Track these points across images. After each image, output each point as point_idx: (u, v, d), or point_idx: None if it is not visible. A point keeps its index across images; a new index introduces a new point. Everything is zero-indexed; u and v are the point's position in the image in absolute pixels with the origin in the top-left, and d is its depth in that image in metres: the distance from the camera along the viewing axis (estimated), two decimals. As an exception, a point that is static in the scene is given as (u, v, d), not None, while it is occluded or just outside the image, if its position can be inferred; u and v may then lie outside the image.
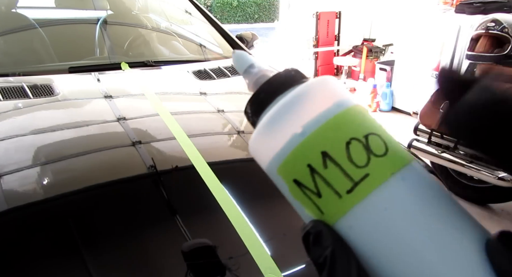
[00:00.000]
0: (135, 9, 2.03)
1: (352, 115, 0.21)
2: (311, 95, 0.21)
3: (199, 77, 1.44)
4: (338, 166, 0.19)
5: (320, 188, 0.20)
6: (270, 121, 0.22)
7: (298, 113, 0.21)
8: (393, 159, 0.20)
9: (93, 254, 0.69)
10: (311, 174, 0.20)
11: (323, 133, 0.20)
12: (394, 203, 0.19)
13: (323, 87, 0.22)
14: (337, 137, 0.20)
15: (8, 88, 1.17)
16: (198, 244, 0.71)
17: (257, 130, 0.22)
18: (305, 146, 0.20)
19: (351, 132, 0.20)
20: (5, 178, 0.81)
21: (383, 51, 5.16)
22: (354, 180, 0.19)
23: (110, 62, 1.50)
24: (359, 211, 0.19)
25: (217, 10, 13.23)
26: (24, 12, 1.68)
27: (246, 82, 0.25)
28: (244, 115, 0.24)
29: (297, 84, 0.23)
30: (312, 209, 0.20)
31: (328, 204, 0.20)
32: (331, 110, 0.21)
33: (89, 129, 1.03)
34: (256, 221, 0.75)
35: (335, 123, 0.20)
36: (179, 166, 0.91)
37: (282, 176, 0.21)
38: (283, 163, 0.21)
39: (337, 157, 0.20)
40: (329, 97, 0.21)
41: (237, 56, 0.27)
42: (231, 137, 1.08)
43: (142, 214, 0.78)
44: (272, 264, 0.66)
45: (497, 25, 2.14)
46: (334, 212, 0.20)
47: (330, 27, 5.46)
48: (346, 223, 0.19)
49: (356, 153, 0.20)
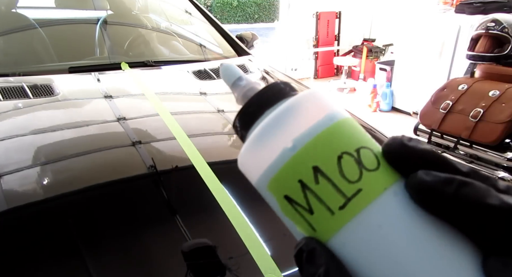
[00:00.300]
0: (135, 9, 2.03)
1: (343, 129, 0.20)
2: (301, 108, 0.21)
3: (199, 77, 1.44)
4: (330, 181, 0.19)
5: (312, 204, 0.19)
6: (259, 135, 0.21)
7: (288, 127, 0.20)
8: (386, 173, 0.19)
9: (93, 254, 0.69)
10: (302, 190, 0.19)
11: (314, 147, 0.20)
12: (388, 220, 0.18)
13: (313, 100, 0.21)
14: (329, 151, 0.19)
15: (8, 88, 1.17)
16: (198, 244, 0.71)
17: (246, 145, 0.22)
18: (296, 161, 0.20)
19: (343, 146, 0.20)
20: (5, 178, 0.81)
21: (383, 51, 5.17)
22: (346, 196, 0.19)
23: (110, 62, 1.50)
24: (352, 228, 0.18)
25: (217, 10, 13.23)
26: (24, 12, 1.68)
27: (234, 95, 0.25)
28: (233, 128, 0.24)
29: (287, 97, 0.22)
30: (304, 226, 0.20)
31: (320, 220, 0.19)
32: (322, 124, 0.20)
33: (89, 129, 1.03)
34: (256, 221, 0.75)
35: (326, 137, 0.20)
36: (179, 166, 0.91)
37: (272, 192, 0.21)
38: (273, 178, 0.20)
39: (329, 172, 0.19)
40: (319, 110, 0.21)
41: (224, 69, 0.26)
42: (231, 137, 1.08)
43: (142, 214, 0.78)
44: (272, 264, 0.66)
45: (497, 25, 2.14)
46: (327, 229, 0.19)
47: (330, 27, 5.46)
48: (339, 241, 0.19)
49: (348, 167, 0.19)
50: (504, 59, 2.14)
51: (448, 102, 2.13)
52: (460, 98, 2.10)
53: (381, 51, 5.17)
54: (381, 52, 5.16)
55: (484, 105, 1.98)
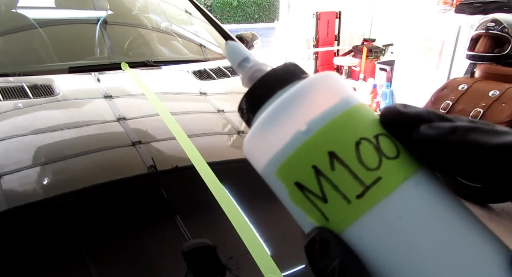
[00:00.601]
0: (135, 9, 2.03)
1: (360, 114, 0.19)
2: (316, 90, 0.19)
3: (199, 77, 1.44)
4: (347, 168, 0.18)
5: (326, 192, 0.18)
6: (269, 117, 0.19)
7: (302, 109, 0.19)
8: (406, 162, 0.18)
9: (93, 253, 0.69)
10: (316, 176, 0.18)
11: (330, 131, 0.18)
12: (410, 211, 0.17)
13: (328, 82, 0.20)
14: (346, 136, 0.18)
15: (8, 88, 1.17)
16: (198, 244, 0.71)
17: (253, 128, 0.20)
18: (310, 145, 0.18)
19: (361, 132, 0.18)
20: (5, 178, 0.81)
21: (383, 51, 5.16)
22: (365, 184, 0.17)
23: (110, 62, 1.50)
24: (371, 219, 0.17)
25: (217, 10, 13.23)
26: (24, 12, 1.68)
27: (240, 76, 0.23)
28: (238, 112, 0.22)
29: (298, 80, 0.21)
30: (315, 215, 0.18)
31: (335, 210, 0.18)
32: (338, 107, 0.19)
33: (89, 129, 1.03)
34: (256, 221, 0.75)
35: (343, 121, 0.18)
36: (179, 166, 0.91)
37: (281, 178, 0.19)
38: (284, 163, 0.19)
39: (346, 158, 0.18)
40: (336, 93, 0.19)
41: (230, 48, 0.24)
42: (231, 137, 1.08)
43: (142, 214, 0.78)
44: (272, 264, 0.66)
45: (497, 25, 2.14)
46: (342, 219, 0.18)
47: (330, 27, 5.46)
48: (356, 232, 0.18)
49: (367, 154, 0.18)
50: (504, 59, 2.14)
51: (448, 102, 2.13)
52: (460, 98, 2.10)
53: (381, 51, 5.16)
54: (381, 52, 5.16)
55: (484, 105, 1.98)
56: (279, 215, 0.82)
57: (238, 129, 1.10)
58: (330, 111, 0.19)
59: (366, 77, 5.10)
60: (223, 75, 1.48)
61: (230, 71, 1.51)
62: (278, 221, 0.81)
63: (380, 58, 5.08)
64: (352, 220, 0.17)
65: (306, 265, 0.73)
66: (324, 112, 0.19)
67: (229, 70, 1.51)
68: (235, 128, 1.11)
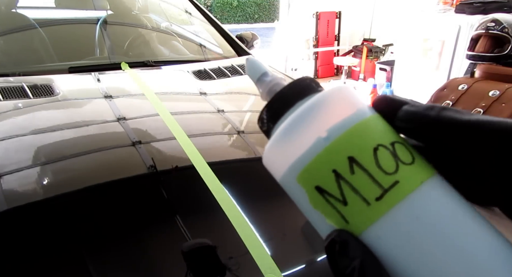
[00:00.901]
0: (135, 9, 2.03)
1: (376, 123, 0.21)
2: (334, 101, 0.21)
3: (199, 77, 1.44)
4: (366, 172, 0.19)
5: (346, 195, 0.19)
6: (290, 126, 0.21)
7: (322, 118, 0.20)
8: (421, 168, 0.20)
9: (93, 254, 0.69)
10: (336, 180, 0.19)
11: (350, 138, 0.20)
12: (426, 212, 0.18)
13: (345, 94, 0.22)
14: (364, 143, 0.20)
15: (8, 88, 1.17)
16: (198, 244, 0.71)
17: (274, 137, 0.22)
18: (330, 151, 0.20)
19: (378, 139, 0.20)
20: (5, 178, 0.81)
21: (383, 51, 5.16)
22: (383, 187, 0.19)
23: (110, 62, 1.50)
24: (389, 220, 0.18)
25: (217, 10, 13.23)
26: (24, 12, 1.68)
27: (259, 90, 0.25)
28: (258, 123, 0.24)
29: (315, 92, 0.22)
30: (335, 218, 0.20)
31: (354, 212, 0.19)
32: (356, 116, 0.20)
33: (89, 129, 1.03)
34: (256, 221, 0.75)
35: (361, 129, 0.20)
36: (179, 166, 0.91)
37: (302, 183, 0.20)
38: (305, 169, 0.20)
39: (365, 163, 0.19)
40: (354, 104, 0.21)
41: (250, 64, 0.26)
42: (231, 137, 1.08)
43: (142, 214, 0.78)
44: (272, 264, 0.66)
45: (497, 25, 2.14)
46: (361, 220, 0.19)
47: (330, 27, 5.46)
48: (374, 233, 0.19)
49: (385, 159, 0.19)
50: (504, 59, 2.14)
51: (448, 102, 2.13)
52: (460, 98, 2.10)
53: (381, 51, 5.16)
54: (381, 52, 5.16)
55: (484, 105, 1.98)
56: (279, 215, 0.82)
57: (238, 129, 1.10)
58: (349, 120, 0.20)
59: (366, 77, 5.10)
60: (223, 75, 1.48)
61: (230, 71, 1.51)
62: (278, 221, 0.81)
63: (380, 58, 5.08)
64: (371, 222, 0.19)
65: (306, 265, 0.73)
66: (343, 120, 0.20)
67: (229, 70, 1.51)
68: (235, 128, 1.11)
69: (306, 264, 0.73)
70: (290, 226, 0.80)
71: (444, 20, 3.54)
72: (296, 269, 0.70)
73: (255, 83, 0.25)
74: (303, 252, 0.76)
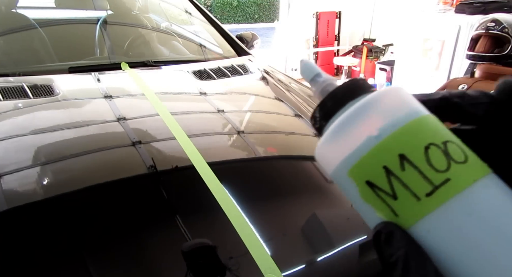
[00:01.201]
0: (135, 9, 2.03)
1: (428, 123, 0.21)
2: (387, 100, 0.22)
3: (199, 77, 1.44)
4: (416, 169, 0.20)
5: (396, 190, 0.20)
6: (343, 124, 0.22)
7: (374, 116, 0.21)
8: (475, 167, 0.20)
9: (93, 253, 0.69)
10: (387, 175, 0.20)
11: (401, 137, 0.21)
12: (479, 209, 0.19)
13: (397, 94, 0.22)
14: (415, 141, 0.20)
15: (8, 88, 1.17)
16: (198, 244, 0.71)
17: (327, 133, 0.23)
18: (381, 148, 0.20)
19: (429, 138, 0.20)
20: (5, 178, 0.81)
21: (383, 51, 5.16)
22: (434, 184, 0.19)
23: (110, 62, 1.50)
24: (440, 215, 0.19)
25: (217, 10, 13.23)
26: (24, 12, 1.68)
27: (313, 90, 0.26)
28: (311, 120, 0.25)
29: (367, 93, 0.23)
30: (385, 211, 0.20)
31: (404, 206, 0.20)
32: (408, 116, 0.21)
33: (89, 130, 1.03)
34: (256, 221, 0.75)
35: (413, 128, 0.21)
36: (179, 166, 0.91)
37: (353, 177, 0.21)
38: (356, 164, 0.21)
39: (416, 160, 0.20)
40: (406, 104, 0.22)
41: (304, 65, 0.27)
42: (231, 137, 1.08)
43: (142, 214, 0.78)
44: (272, 264, 0.66)
45: (497, 25, 2.14)
46: (411, 214, 0.20)
47: (330, 27, 5.46)
48: (424, 227, 0.19)
49: (436, 157, 0.20)
50: (504, 59, 2.13)
51: (448, 102, 2.13)
52: (460, 98, 2.10)
53: (381, 51, 5.16)
54: (381, 52, 5.16)
55: (484, 105, 1.98)
56: (279, 215, 0.82)
57: (238, 129, 1.10)
58: (401, 119, 0.21)
59: (366, 77, 5.09)
60: (223, 75, 1.48)
61: (230, 71, 1.51)
62: (278, 221, 0.81)
63: (380, 58, 5.08)
64: (421, 216, 0.19)
65: (306, 265, 0.73)
66: (394, 119, 0.21)
67: (229, 70, 1.51)
68: (235, 128, 1.11)
69: (306, 264, 0.73)
70: (290, 226, 0.80)
71: (444, 20, 3.54)
72: (296, 269, 0.70)
73: (309, 82, 0.27)
74: (303, 252, 0.76)
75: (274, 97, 1.42)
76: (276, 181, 0.93)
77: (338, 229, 0.82)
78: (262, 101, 1.41)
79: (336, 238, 0.80)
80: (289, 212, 0.83)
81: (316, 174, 1.01)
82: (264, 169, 0.99)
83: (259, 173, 0.96)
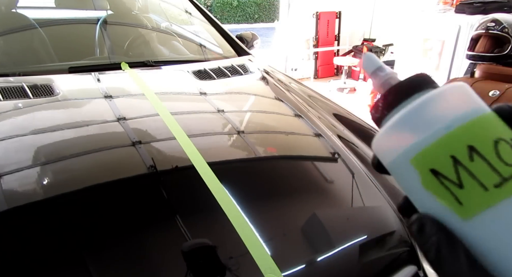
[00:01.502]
0: (135, 9, 2.03)
1: (496, 119, 0.22)
2: (456, 94, 0.23)
3: (199, 77, 1.44)
4: (486, 161, 0.20)
5: (463, 179, 0.20)
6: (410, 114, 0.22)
7: (444, 108, 0.22)
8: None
9: (93, 253, 0.69)
10: (454, 165, 0.21)
11: (471, 129, 0.21)
12: None
13: (464, 90, 0.23)
14: (486, 134, 0.21)
15: (8, 88, 1.17)
16: (198, 244, 0.71)
17: (391, 122, 0.23)
18: (450, 138, 0.21)
19: (498, 134, 0.21)
20: (5, 178, 0.81)
21: (383, 51, 5.16)
22: (502, 176, 0.20)
23: (110, 62, 1.50)
24: (507, 206, 0.19)
25: (217, 10, 13.22)
26: (24, 12, 1.68)
27: (373, 82, 0.27)
28: (371, 110, 0.26)
29: (431, 87, 0.24)
30: (448, 199, 0.21)
31: (470, 195, 0.20)
32: (478, 110, 0.22)
33: (89, 129, 1.03)
34: (256, 221, 0.75)
35: (483, 122, 0.21)
36: (179, 166, 0.91)
37: (415, 165, 0.22)
38: (421, 152, 0.22)
39: (485, 152, 0.20)
40: (473, 100, 0.23)
41: (367, 57, 0.28)
42: (231, 137, 1.08)
43: (142, 214, 0.78)
44: (272, 264, 0.66)
45: (497, 25, 2.14)
46: (478, 203, 0.20)
47: (330, 27, 5.46)
48: (490, 216, 0.20)
49: (505, 151, 0.20)
50: (504, 59, 2.13)
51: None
52: (460, 98, 2.10)
53: (381, 51, 5.16)
54: (381, 52, 5.16)
55: (484, 105, 1.98)
56: (279, 215, 0.82)
57: (238, 129, 1.10)
58: (471, 113, 0.22)
59: (366, 77, 5.10)
60: (223, 75, 1.48)
61: (230, 71, 1.51)
62: (278, 221, 0.81)
63: (380, 58, 5.07)
64: (487, 205, 0.20)
65: (306, 265, 0.73)
66: (465, 112, 0.22)
67: (229, 70, 1.51)
68: (235, 128, 1.11)
69: (306, 264, 0.73)
70: (290, 226, 0.80)
71: (444, 20, 3.54)
72: (296, 269, 0.70)
73: (370, 75, 0.27)
74: (303, 252, 0.76)
75: (274, 97, 1.42)
76: (276, 181, 0.93)
77: (338, 229, 0.82)
78: (262, 101, 1.41)
79: (336, 238, 0.80)
80: (289, 212, 0.83)
81: (316, 174, 1.01)
82: (264, 169, 0.99)
83: (259, 173, 0.96)
